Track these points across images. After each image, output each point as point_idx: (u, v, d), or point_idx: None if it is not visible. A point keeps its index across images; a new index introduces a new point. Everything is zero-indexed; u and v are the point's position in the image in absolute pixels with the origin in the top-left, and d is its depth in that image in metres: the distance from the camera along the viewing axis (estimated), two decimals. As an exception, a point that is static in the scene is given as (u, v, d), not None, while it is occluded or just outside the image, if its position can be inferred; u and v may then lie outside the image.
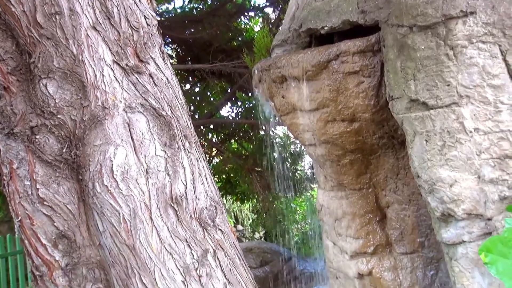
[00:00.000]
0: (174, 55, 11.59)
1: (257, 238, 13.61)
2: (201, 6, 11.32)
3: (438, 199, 3.84)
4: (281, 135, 10.72)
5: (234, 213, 13.98)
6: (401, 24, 3.93)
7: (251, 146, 11.15)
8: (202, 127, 11.05)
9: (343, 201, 5.85)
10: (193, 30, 11.00)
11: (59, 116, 2.01)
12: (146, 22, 2.24)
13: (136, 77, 2.12)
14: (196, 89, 11.93)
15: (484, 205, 3.63)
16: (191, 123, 2.30)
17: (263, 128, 8.66)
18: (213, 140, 11.93)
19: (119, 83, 2.08)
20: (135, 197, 1.98)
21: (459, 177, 3.70)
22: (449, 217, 3.84)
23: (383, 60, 4.40)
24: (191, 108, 10.86)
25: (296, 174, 10.99)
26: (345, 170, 5.60)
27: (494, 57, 3.54)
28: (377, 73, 4.66)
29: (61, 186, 2.04)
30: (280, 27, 5.96)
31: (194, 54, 11.01)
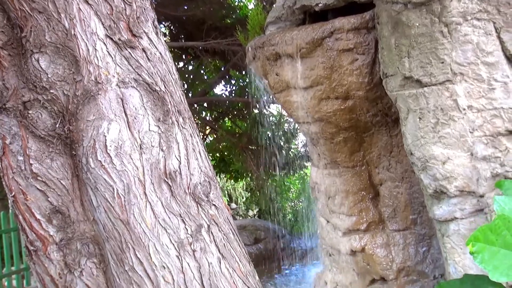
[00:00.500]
0: (167, 33, 11.50)
1: (251, 216, 13.67)
2: (194, -17, 11.20)
3: (430, 176, 3.86)
4: (275, 113, 10.72)
5: (227, 192, 14.01)
6: (396, 0, 3.90)
7: (245, 124, 11.13)
8: (195, 105, 11.01)
9: (336, 178, 5.87)
10: (186, 8, 10.89)
11: (51, 91, 2.00)
12: (139, -4, 2.21)
13: (129, 52, 2.11)
14: (190, 67, 11.87)
15: (477, 182, 3.65)
16: (185, 98, 2.29)
17: (257, 106, 8.65)
18: (207, 118, 11.90)
19: (112, 57, 2.07)
20: (129, 172, 1.98)
21: (452, 154, 3.72)
22: (441, 194, 3.86)
23: (377, 38, 4.38)
24: (185, 87, 10.81)
25: (290, 152, 11.01)
26: (338, 147, 5.62)
27: (489, 34, 3.54)
28: (371, 50, 4.65)
29: (55, 161, 2.03)
30: (274, 5, 5.91)
31: (188, 32, 10.92)
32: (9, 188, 2.07)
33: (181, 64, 11.60)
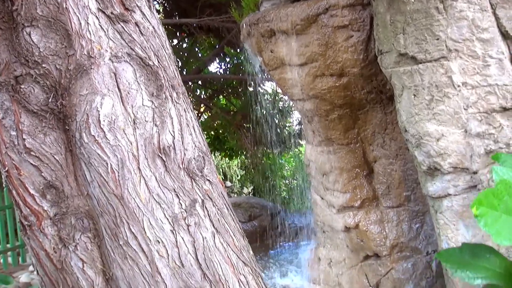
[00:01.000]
0: (161, 10, 11.39)
1: (246, 194, 13.72)
2: (188, -42, 11.06)
3: (425, 153, 3.88)
4: (270, 91, 10.69)
5: (222, 170, 14.03)
6: (392, -24, 3.88)
7: (240, 102, 11.10)
8: (190, 83, 10.95)
9: (331, 156, 5.88)
10: (180, -16, 10.78)
11: (44, 65, 1.98)
12: (131, -31, 2.18)
13: (122, 26, 2.08)
14: (184, 44, 11.78)
15: (470, 159, 3.67)
16: (178, 73, 2.28)
17: (252, 83, 8.62)
18: (201, 96, 11.85)
19: (105, 31, 2.05)
20: (122, 147, 1.97)
21: (446, 131, 3.73)
22: (435, 171, 3.88)
23: (372, 14, 4.36)
24: (179, 64, 10.73)
25: (285, 130, 11.01)
26: (333, 125, 5.62)
27: (484, 10, 3.52)
28: (366, 27, 4.63)
29: (48, 136, 2.02)
30: (268, -20, 5.84)
31: (181, 9, 10.81)
32: (2, 163, 2.07)
33: (175, 42, 11.51)
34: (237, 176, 14.24)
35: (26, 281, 6.24)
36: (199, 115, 11.92)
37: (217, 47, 11.22)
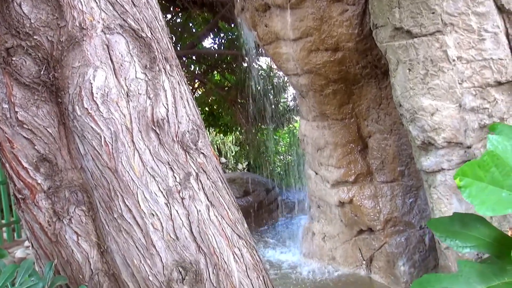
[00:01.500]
0: (154, -16, 11.21)
1: (240, 170, 13.74)
2: None
3: (419, 127, 3.88)
4: (264, 66, 10.63)
5: (217, 146, 14.01)
6: None
7: (234, 77, 11.02)
8: (184, 59, 10.86)
9: (325, 131, 5.89)
10: (173, -42, 10.62)
11: (35, 37, 1.95)
12: None
13: (114, -3, 2.05)
14: (178, 19, 11.65)
15: (464, 133, 3.67)
16: (172, 46, 2.25)
17: (246, 59, 8.56)
18: (195, 71, 11.76)
19: (97, 2, 2.01)
20: (116, 120, 1.96)
21: (441, 105, 3.73)
22: (429, 146, 3.89)
23: (368, -13, 4.32)
24: (173, 39, 10.63)
25: (279, 106, 10.98)
26: (327, 100, 5.61)
27: (480, -17, 3.50)
28: (362, 1, 4.59)
29: (40, 109, 2.00)
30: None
31: (175, -17, 10.68)
32: (-5, 136, 2.05)
33: (169, 17, 11.38)
34: (232, 152, 14.24)
35: (21, 256, 6.26)
36: (194, 90, 11.85)
37: (211, 22, 11.11)
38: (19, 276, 1.76)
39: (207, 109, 11.28)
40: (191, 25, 11.43)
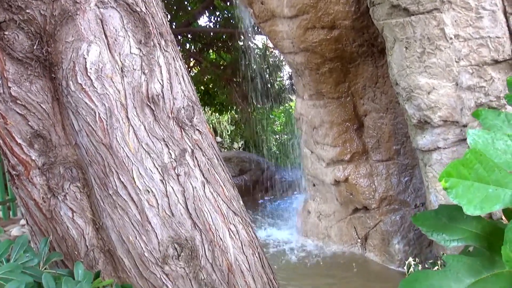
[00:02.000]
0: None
1: (236, 149, 13.74)
2: None
3: (415, 106, 3.87)
4: (260, 45, 10.57)
5: (213, 125, 13.98)
6: None
7: (230, 56, 10.96)
8: (179, 37, 10.78)
9: (321, 109, 5.87)
10: None
11: (27, 10, 1.92)
12: None
13: (108, -30, 2.01)
14: (173, -3, 11.55)
15: (460, 112, 3.67)
16: (167, 20, 2.22)
17: (242, 37, 8.50)
18: (191, 50, 11.67)
19: (90, -25, 1.97)
20: (110, 96, 1.94)
21: (437, 84, 3.71)
22: (425, 124, 3.88)
23: (365, -37, 4.28)
24: (168, 18, 10.53)
25: (275, 84, 10.94)
26: (323, 78, 5.58)
27: (479, -40, 3.46)
28: (359, -23, 4.55)
29: (34, 84, 1.98)
30: None
31: (170, -40, 10.55)
32: (-12, 112, 2.02)
33: (164, -6, 11.27)
34: (227, 132, 14.22)
35: (17, 234, 6.26)
36: (189, 69, 11.77)
37: (206, -1, 11.01)
38: (14, 252, 1.76)
39: (202, 88, 11.22)
40: (186, 3, 11.31)
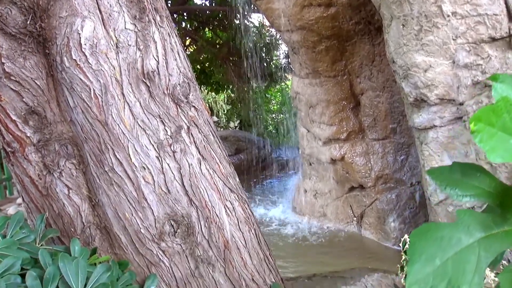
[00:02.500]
0: None
1: (232, 128, 13.73)
2: None
3: (412, 84, 3.86)
4: (256, 23, 10.49)
5: (209, 104, 13.94)
6: None
7: (226, 34, 10.89)
8: (175, 15, 10.69)
9: (317, 88, 5.86)
10: None
11: (20, -15, 1.89)
12: None
13: None
14: (168, -26, 11.43)
15: (457, 90, 3.66)
16: (162, -4, 2.19)
17: (238, 16, 8.43)
18: (187, 28, 11.58)
19: (84, -51, 1.94)
20: (105, 72, 1.92)
21: (434, 62, 3.70)
22: (422, 102, 3.87)
23: None
24: (164, -5, 10.41)
25: (271, 63, 10.89)
26: (320, 56, 5.56)
27: None
28: (356, -46, 4.50)
29: (28, 60, 1.95)
30: None
31: None
32: (-18, 89, 2.01)
33: (159, -29, 11.13)
34: (224, 111, 14.20)
35: (13, 213, 6.27)
36: (185, 48, 11.69)
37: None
38: (10, 228, 1.76)
39: (198, 67, 11.17)
40: (182, -20, 11.21)
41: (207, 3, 11.23)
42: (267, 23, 8.89)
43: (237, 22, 9.50)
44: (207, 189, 2.11)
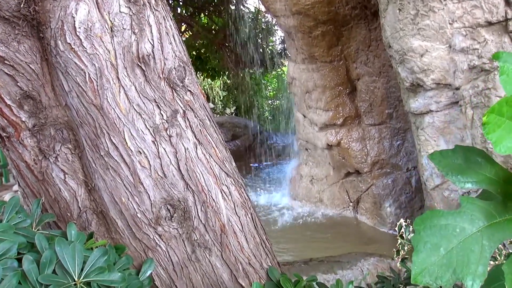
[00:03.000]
0: None
1: (228, 114, 13.71)
2: None
3: (408, 69, 3.85)
4: (252, 9, 10.43)
5: (205, 91, 13.89)
6: None
7: (222, 20, 10.82)
8: (170, 1, 10.62)
9: (314, 73, 5.84)
10: None
11: (13, -32, 1.87)
12: None
13: None
14: (163, -41, 11.30)
15: (453, 74, 3.66)
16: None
17: (234, 1, 8.39)
18: (182, 14, 11.51)
19: None
20: (100, 56, 1.90)
21: (430, 46, 3.69)
22: (418, 87, 3.87)
23: None
24: (159, -20, 10.31)
25: (267, 49, 10.85)
26: (316, 42, 5.54)
27: None
28: None
29: (22, 44, 1.94)
30: None
31: None
32: (-25, 73, 1.99)
33: (154, -44, 11.03)
34: (220, 97, 14.16)
35: (10, 199, 6.26)
36: (181, 34, 11.61)
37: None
38: (6, 213, 1.75)
39: (194, 53, 11.11)
40: (177, -35, 11.12)
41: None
42: (263, 8, 8.84)
43: (233, 7, 9.44)
44: (203, 174, 2.11)
